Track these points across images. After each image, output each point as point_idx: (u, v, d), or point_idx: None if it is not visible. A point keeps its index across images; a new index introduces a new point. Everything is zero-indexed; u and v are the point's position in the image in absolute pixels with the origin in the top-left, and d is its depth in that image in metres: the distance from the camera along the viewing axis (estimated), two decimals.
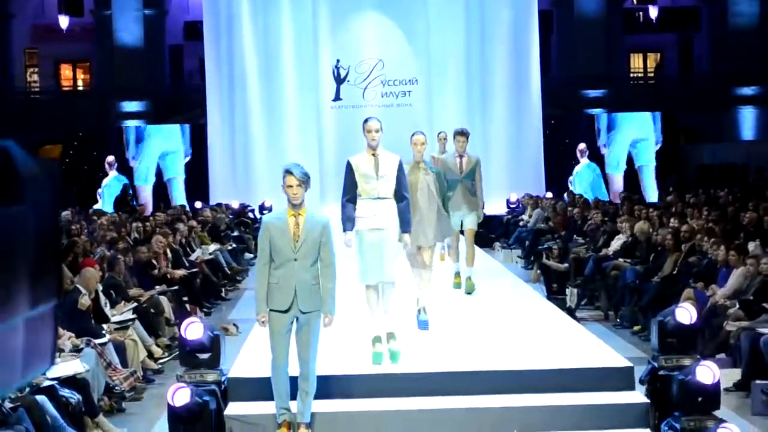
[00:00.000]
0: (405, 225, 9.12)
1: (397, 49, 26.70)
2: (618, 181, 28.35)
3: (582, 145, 27.96)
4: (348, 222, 9.01)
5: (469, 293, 12.62)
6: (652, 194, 27.40)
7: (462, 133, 12.53)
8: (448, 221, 10.73)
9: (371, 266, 8.92)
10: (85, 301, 10.96)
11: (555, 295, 15.39)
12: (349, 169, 9.08)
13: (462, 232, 12.68)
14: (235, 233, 22.02)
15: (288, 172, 7.88)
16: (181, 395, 8.01)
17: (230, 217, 23.85)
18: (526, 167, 27.13)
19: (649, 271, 14.33)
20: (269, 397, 8.18)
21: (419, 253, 10.35)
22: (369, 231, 8.96)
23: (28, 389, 8.46)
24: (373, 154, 9.05)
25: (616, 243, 16.31)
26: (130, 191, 26.92)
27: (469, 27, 26.84)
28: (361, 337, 9.01)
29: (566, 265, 16.36)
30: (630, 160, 28.56)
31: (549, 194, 25.64)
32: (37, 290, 2.06)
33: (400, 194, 9.10)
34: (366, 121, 9.16)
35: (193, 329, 8.74)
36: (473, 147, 14.05)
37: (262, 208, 25.33)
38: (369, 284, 9.00)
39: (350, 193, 9.06)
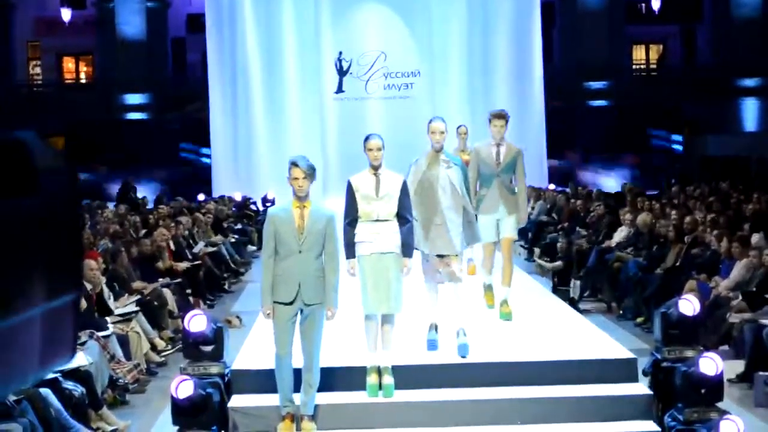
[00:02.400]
0: (407, 249, 8.41)
1: (399, 42, 26.71)
2: None
3: None
4: (349, 249, 8.40)
5: (506, 319, 10.38)
6: None
7: (500, 116, 10.33)
8: (476, 224, 9.36)
9: (372, 295, 8.35)
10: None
11: (559, 287, 15.38)
12: (349, 190, 8.43)
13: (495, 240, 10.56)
14: (238, 226, 22.02)
15: (294, 164, 7.87)
16: (184, 388, 8.02)
17: (233, 209, 23.85)
18: (528, 159, 27.01)
19: (652, 263, 14.33)
20: (273, 389, 8.19)
21: (441, 263, 9.06)
22: (369, 256, 8.33)
23: None
24: (375, 174, 8.41)
25: (619, 235, 16.30)
26: (134, 185, 26.94)
27: (471, 19, 26.83)
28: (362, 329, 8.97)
29: (559, 263, 16.34)
30: None
31: (551, 186, 25.62)
32: (55, 282, 2.06)
33: (403, 217, 8.41)
34: (367, 138, 8.48)
35: (197, 321, 8.76)
36: (476, 140, 12.50)
37: (264, 200, 25.34)
38: (369, 314, 8.43)
39: (351, 215, 8.42)
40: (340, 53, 26.75)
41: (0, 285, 1.92)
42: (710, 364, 8.20)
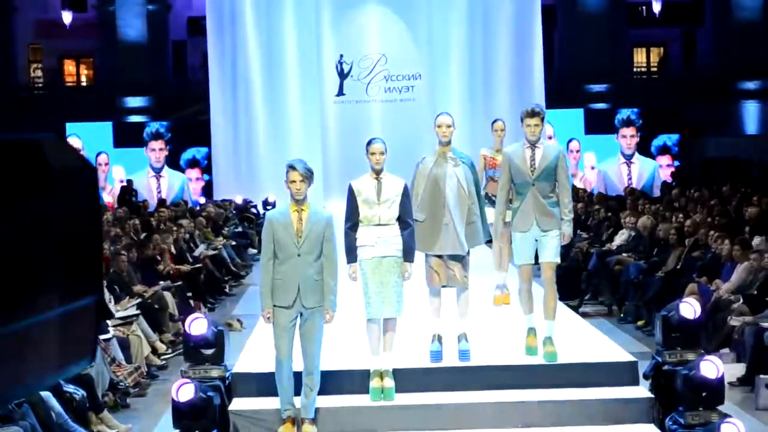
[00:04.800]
0: (409, 254, 8.37)
1: (400, 44, 26.69)
2: None
3: None
4: (350, 253, 8.37)
5: (550, 361, 8.92)
6: None
7: (534, 114, 8.85)
8: (481, 226, 9.05)
9: (374, 300, 8.33)
10: None
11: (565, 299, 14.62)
12: (351, 194, 8.39)
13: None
14: (239, 229, 22.02)
15: (291, 167, 7.89)
16: (185, 391, 8.02)
17: (233, 212, 23.84)
18: None
19: (653, 266, 14.32)
20: (273, 392, 8.20)
21: (447, 266, 8.88)
22: (371, 260, 8.31)
23: None
24: (377, 178, 8.36)
25: (620, 238, 16.29)
26: (133, 188, 26.95)
27: (472, 21, 26.82)
28: (365, 332, 8.94)
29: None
30: None
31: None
32: (73, 285, 2.04)
33: (404, 221, 8.37)
34: (369, 143, 8.45)
35: (197, 325, 8.76)
36: (477, 142, 11.81)
37: (265, 203, 25.32)
38: (371, 318, 8.41)
39: (352, 219, 8.38)
40: (341, 56, 26.73)
41: (14, 287, 1.90)
42: (711, 367, 8.20)
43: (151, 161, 28.24)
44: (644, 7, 34.12)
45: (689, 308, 8.87)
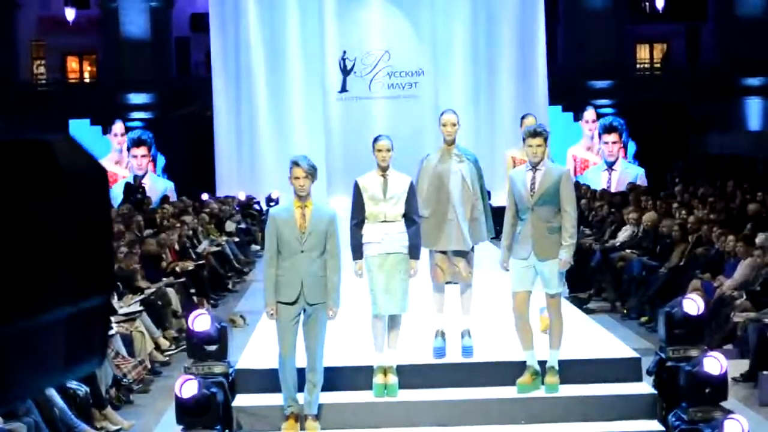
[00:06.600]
0: (414, 251, 8.39)
1: (403, 41, 26.68)
2: None
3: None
4: (356, 250, 8.39)
5: (551, 392, 8.52)
6: None
7: (536, 134, 8.19)
8: (485, 222, 9.04)
9: (381, 296, 8.33)
10: None
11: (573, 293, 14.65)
12: (357, 191, 8.40)
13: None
14: (242, 225, 22.01)
15: (295, 163, 7.90)
16: (188, 387, 8.02)
17: (236, 208, 23.84)
18: None
19: (657, 262, 14.29)
20: (277, 389, 8.20)
21: (451, 262, 8.93)
22: (377, 257, 8.33)
23: None
24: (383, 175, 8.38)
25: (623, 234, 16.27)
26: (142, 184, 26.93)
27: (475, 18, 26.81)
28: (368, 329, 8.95)
29: None
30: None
31: None
32: (82, 285, 2.04)
33: (410, 218, 8.38)
34: (376, 140, 8.48)
35: (201, 321, 8.76)
36: (481, 139, 11.56)
37: (268, 200, 25.31)
38: (377, 314, 8.40)
39: (358, 216, 8.40)
40: (344, 52, 26.72)
41: (20, 286, 1.90)
42: (714, 363, 8.19)
43: (133, 168, 28.18)
44: (647, 3, 34.10)
45: (692, 304, 8.86)
